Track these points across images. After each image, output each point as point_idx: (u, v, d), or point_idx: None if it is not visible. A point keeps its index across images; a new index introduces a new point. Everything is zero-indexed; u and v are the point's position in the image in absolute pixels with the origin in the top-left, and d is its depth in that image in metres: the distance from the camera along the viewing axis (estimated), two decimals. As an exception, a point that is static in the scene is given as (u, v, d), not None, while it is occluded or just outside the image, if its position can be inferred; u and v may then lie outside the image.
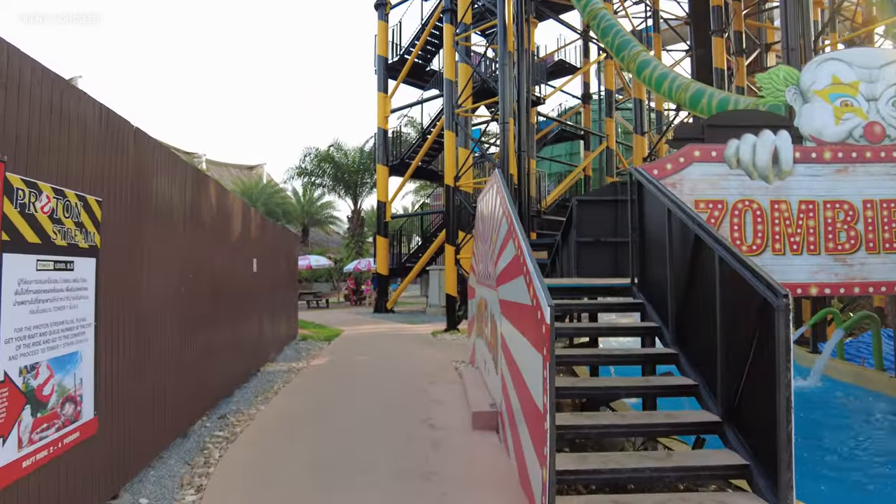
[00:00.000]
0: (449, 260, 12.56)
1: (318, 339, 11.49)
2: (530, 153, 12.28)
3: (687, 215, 3.82)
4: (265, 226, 8.07)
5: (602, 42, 15.34)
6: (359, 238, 29.21)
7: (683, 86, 12.54)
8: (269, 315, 8.36)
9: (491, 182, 5.19)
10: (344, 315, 18.07)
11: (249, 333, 6.99)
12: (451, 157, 12.57)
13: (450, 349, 9.71)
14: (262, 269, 7.81)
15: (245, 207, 6.67)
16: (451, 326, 12.22)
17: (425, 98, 19.02)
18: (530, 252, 3.23)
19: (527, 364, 3.17)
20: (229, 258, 5.87)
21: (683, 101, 12.65)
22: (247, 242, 6.79)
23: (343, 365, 8.24)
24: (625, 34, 14.77)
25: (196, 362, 4.73)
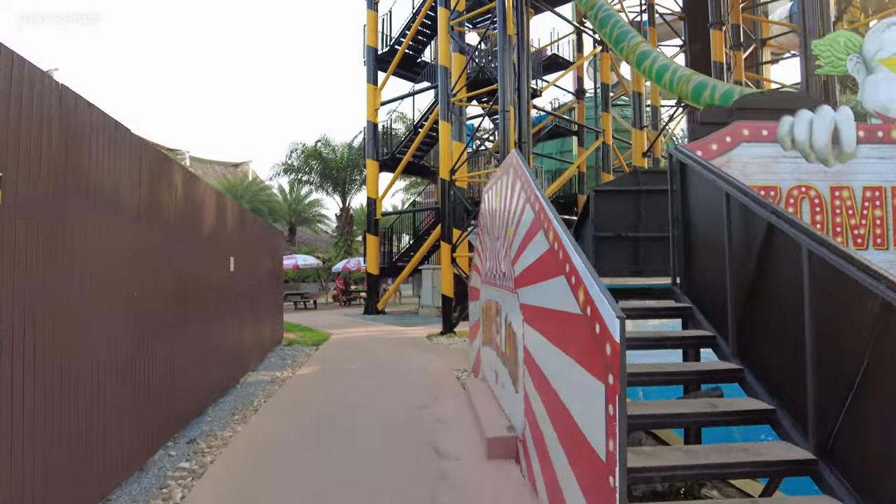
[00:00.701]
0: (444, 259, 11.82)
1: (305, 343, 10.69)
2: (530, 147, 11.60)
3: (755, 200, 3.12)
4: (245, 220, 7.28)
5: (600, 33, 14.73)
6: (348, 237, 28.35)
7: (685, 77, 11.94)
8: (250, 319, 7.57)
9: (505, 166, 4.46)
10: (333, 317, 17.25)
11: (226, 341, 6.20)
12: (446, 148, 11.83)
13: (448, 355, 8.98)
14: (242, 268, 7.01)
15: (220, 198, 5.88)
16: (448, 329, 11.48)
17: (417, 90, 18.25)
18: (575, 246, 2.51)
19: (572, 391, 2.45)
20: (200, 256, 5.09)
21: (685, 93, 12.05)
22: (222, 238, 6.00)
23: (332, 374, 7.47)
24: (623, 25, 14.13)
25: (156, 379, 3.95)
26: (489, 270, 5.49)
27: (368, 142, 18.58)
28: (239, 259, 6.80)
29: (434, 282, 17.23)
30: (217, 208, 5.71)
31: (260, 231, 8.41)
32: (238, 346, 6.79)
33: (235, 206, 6.68)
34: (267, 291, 9.03)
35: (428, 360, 8.42)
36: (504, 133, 10.49)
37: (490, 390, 5.29)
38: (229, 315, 6.33)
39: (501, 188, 4.64)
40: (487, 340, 5.62)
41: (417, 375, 7.22)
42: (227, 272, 6.22)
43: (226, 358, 6.16)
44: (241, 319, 6.96)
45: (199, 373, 5.07)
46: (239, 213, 6.86)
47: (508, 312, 4.20)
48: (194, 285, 4.91)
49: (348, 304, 23.14)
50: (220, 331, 5.91)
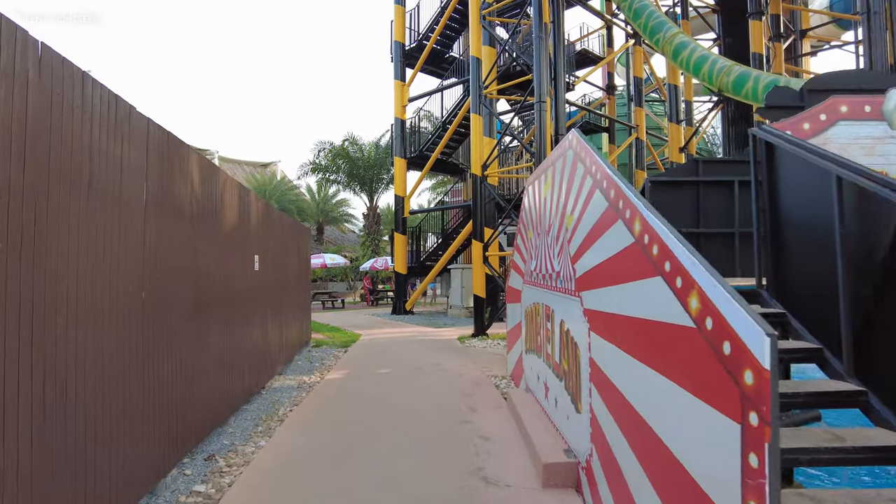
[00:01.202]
0: (476, 258, 11.30)
1: (333, 345, 10.32)
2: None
3: (885, 184, 2.51)
4: (271, 216, 6.90)
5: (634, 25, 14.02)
6: (375, 236, 28.07)
7: (725, 69, 11.19)
8: (276, 321, 7.19)
9: (560, 150, 3.92)
10: (361, 317, 16.92)
11: (250, 344, 5.81)
12: (477, 143, 11.30)
13: (483, 359, 8.46)
14: (268, 266, 6.62)
15: (243, 192, 5.49)
16: (480, 331, 10.96)
17: (445, 86, 17.76)
18: (680, 238, 1.96)
19: (678, 427, 1.90)
20: (220, 253, 4.68)
21: (725, 85, 11.29)
22: (246, 235, 5.61)
23: (362, 380, 7.03)
24: (659, 15, 13.39)
25: (168, 390, 3.54)
26: (534, 270, 4.95)
27: (396, 139, 18.19)
28: (264, 257, 6.42)
29: (463, 282, 16.74)
30: (239, 203, 5.31)
31: (287, 228, 8.04)
32: (263, 349, 6.41)
33: (260, 202, 6.29)
34: (294, 291, 8.67)
35: (462, 365, 7.92)
36: (540, 125, 9.91)
37: (538, 404, 4.75)
38: (254, 317, 5.95)
39: (554, 176, 4.09)
40: (533, 348, 5.08)
41: (452, 382, 6.72)
42: (252, 271, 5.83)
43: (250, 363, 5.77)
44: (266, 321, 6.58)
45: (221, 380, 4.67)
46: (264, 210, 6.47)
47: (565, 318, 3.65)
48: (214, 285, 4.51)
49: (376, 304, 22.83)
50: (243, 334, 5.52)
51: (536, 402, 4.83)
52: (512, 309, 6.69)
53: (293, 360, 8.55)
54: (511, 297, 6.72)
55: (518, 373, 6.15)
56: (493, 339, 10.67)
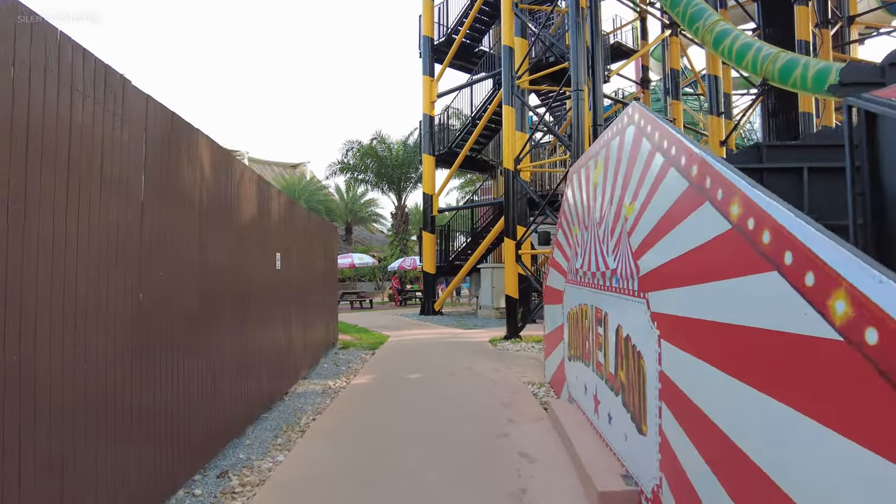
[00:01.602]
0: (508, 256, 10.80)
1: (360, 347, 9.98)
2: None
3: None
4: (295, 213, 6.57)
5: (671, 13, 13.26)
6: (403, 235, 27.80)
7: (771, 56, 10.38)
8: (300, 322, 6.86)
9: (615, 130, 3.41)
10: (389, 317, 16.60)
11: (272, 348, 5.47)
12: (509, 136, 10.79)
13: (517, 364, 7.96)
14: (291, 265, 6.29)
15: (263, 185, 5.15)
16: (513, 333, 10.46)
17: (475, 80, 17.29)
18: (809, 220, 1.47)
19: (815, 482, 1.40)
20: (237, 251, 4.34)
21: (771, 74, 10.51)
22: (267, 231, 5.27)
23: (390, 385, 6.63)
24: (698, 3, 12.62)
25: (173, 400, 3.19)
26: (580, 268, 4.45)
27: (424, 135, 17.82)
28: (287, 255, 6.08)
29: (493, 281, 16.24)
30: (259, 196, 4.97)
31: (312, 226, 7.71)
32: (286, 353, 6.08)
33: (283, 197, 5.96)
34: (320, 291, 8.35)
35: (495, 370, 7.44)
36: (578, 114, 9.35)
37: (584, 418, 4.25)
38: (275, 318, 5.61)
39: (607, 160, 3.59)
40: (578, 355, 4.58)
41: (486, 389, 6.26)
42: (273, 270, 5.49)
43: (271, 367, 5.43)
44: (289, 323, 6.25)
45: (237, 387, 4.33)
46: (287, 205, 6.14)
47: (624, 323, 3.15)
48: (227, 284, 4.17)
49: (404, 304, 22.53)
50: (264, 337, 5.18)
51: (582, 415, 4.33)
52: (551, 311, 6.19)
53: (319, 362, 8.23)
54: (550, 298, 6.22)
55: (559, 380, 5.64)
56: (527, 341, 10.15)
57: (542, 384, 6.42)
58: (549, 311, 6.45)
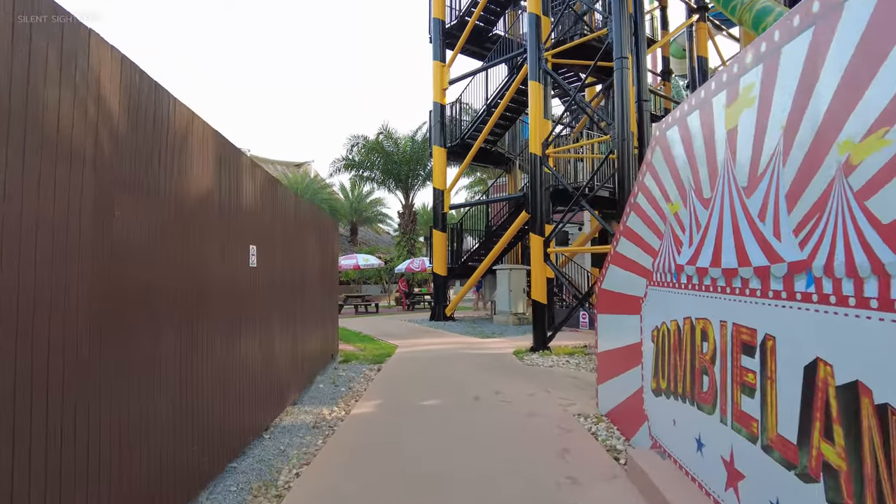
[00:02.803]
0: (535, 255, 9.33)
1: (365, 360, 8.56)
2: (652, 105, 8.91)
3: None
4: (280, 197, 5.16)
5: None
6: (410, 236, 26.39)
7: None
8: (287, 334, 5.46)
9: (790, 27, 1.97)
10: (396, 323, 15.17)
11: (242, 370, 4.06)
12: (537, 116, 9.35)
13: (555, 385, 6.51)
14: (273, 262, 4.89)
15: (229, 150, 3.74)
16: (541, 345, 9.00)
17: (491, 63, 15.86)
18: None
19: None
20: (175, 234, 2.92)
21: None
22: (232, 215, 3.85)
23: (399, 418, 5.20)
24: None
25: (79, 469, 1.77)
26: (692, 263, 3.00)
27: (435, 125, 16.40)
28: (268, 249, 4.67)
29: (511, 284, 14.79)
30: (219, 162, 3.55)
31: (304, 214, 6.31)
32: (265, 375, 4.66)
33: (261, 174, 4.55)
34: (316, 294, 6.94)
35: (530, 395, 5.99)
36: (622, 86, 7.91)
37: (700, 491, 2.79)
38: (249, 330, 4.20)
39: (780, 76, 2.14)
40: (678, 390, 3.12)
41: (526, 424, 4.81)
42: (244, 266, 4.08)
43: (243, 396, 4.01)
44: (271, 335, 4.83)
45: (178, 439, 2.91)
46: (266, 185, 4.73)
47: (836, 360, 1.71)
48: (166, 281, 2.75)
49: (412, 308, 21.10)
50: (230, 355, 3.77)
51: (694, 484, 2.87)
52: (611, 322, 4.73)
53: (314, 381, 6.81)
54: (610, 306, 4.76)
55: (629, 417, 4.19)
56: (558, 353, 8.69)
57: (598, 417, 4.96)
58: (606, 322, 4.99)
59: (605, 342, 5.06)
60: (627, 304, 4.19)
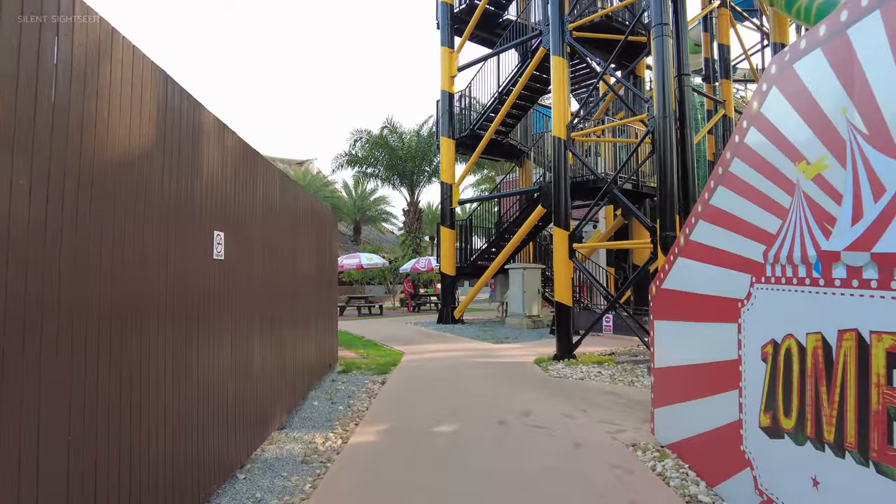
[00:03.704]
0: (559, 252, 8.31)
1: (367, 369, 7.57)
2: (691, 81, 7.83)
3: None
4: (259, 170, 4.17)
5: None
6: (416, 234, 25.39)
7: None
8: (274, 343, 4.47)
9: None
10: (401, 326, 14.17)
11: (206, 398, 3.06)
12: (560, 95, 8.33)
13: (592, 402, 5.48)
14: (251, 255, 3.90)
15: (185, 100, 2.75)
16: (566, 353, 7.97)
17: (503, 48, 14.84)
18: None
19: None
20: (96, 219, 1.92)
21: None
22: (188, 194, 2.85)
23: (408, 451, 4.19)
24: None
25: None
26: (843, 248, 1.99)
27: (443, 115, 15.39)
28: (241, 239, 3.68)
29: (525, 285, 13.76)
30: (162, 114, 2.55)
31: (292, 199, 5.32)
32: (242, 396, 3.67)
33: (232, 139, 3.56)
34: (311, 296, 5.96)
35: (567, 416, 4.97)
36: (662, 57, 6.89)
37: None
38: (212, 341, 3.20)
39: None
40: (832, 439, 2.10)
41: (571, 461, 3.79)
42: (206, 259, 3.08)
43: (203, 429, 3.01)
44: (248, 346, 3.84)
45: (108, 490, 1.91)
46: (242, 155, 3.74)
47: None
48: (76, 293, 1.76)
49: (417, 310, 20.10)
50: (183, 377, 2.77)
51: None
52: (681, 331, 3.70)
53: (307, 398, 5.81)
54: (679, 310, 3.73)
55: (715, 457, 3.16)
56: (585, 362, 7.66)
57: (660, 451, 3.93)
58: (669, 330, 3.97)
59: (665, 355, 4.04)
60: (712, 309, 3.16)
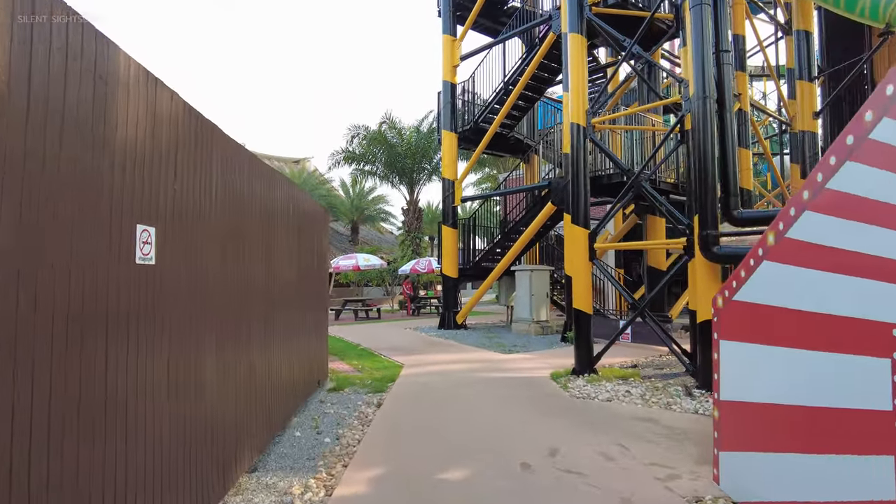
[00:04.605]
0: (576, 252, 7.39)
1: (362, 386, 6.66)
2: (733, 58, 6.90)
3: None
4: (215, 148, 3.25)
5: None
6: (416, 234, 24.46)
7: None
8: (239, 366, 3.56)
9: None
10: (400, 332, 13.24)
11: (130, 448, 2.14)
12: (579, 77, 7.42)
13: (626, 432, 4.56)
14: (203, 258, 2.98)
15: (96, 43, 1.83)
16: (586, 367, 7.06)
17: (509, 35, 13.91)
18: None
19: None
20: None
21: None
22: (86, 176, 1.93)
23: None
24: None
25: None
26: None
27: (445, 107, 14.47)
28: (185, 236, 2.76)
29: (532, 287, 12.85)
30: (24, 40, 1.63)
31: (270, 192, 4.40)
32: (188, 440, 2.75)
33: (172, 101, 2.64)
34: (293, 305, 5.04)
35: (601, 455, 4.05)
36: (701, 31, 5.99)
37: None
38: (140, 371, 2.28)
39: None
40: None
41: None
42: (125, 263, 2.16)
43: (121, 495, 2.10)
44: (199, 373, 2.92)
45: None
46: (185, 121, 2.82)
47: None
48: None
49: (417, 314, 19.18)
50: (86, 422, 1.86)
51: None
52: (779, 359, 2.78)
53: (288, 425, 4.89)
54: (772, 333, 2.81)
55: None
56: (609, 378, 6.75)
57: None
58: (740, 354, 3.05)
59: (738, 386, 3.12)
60: (836, 333, 2.25)
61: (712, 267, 6.04)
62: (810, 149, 14.09)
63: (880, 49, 12.39)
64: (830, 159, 2.35)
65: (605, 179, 11.28)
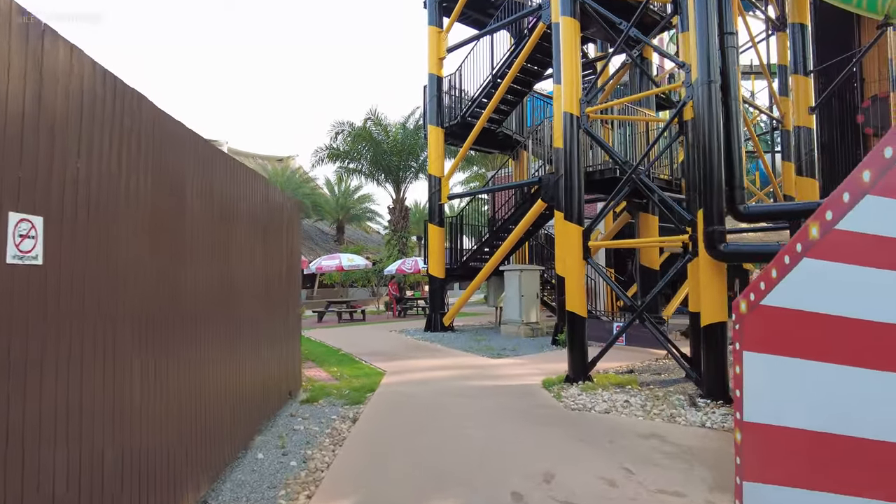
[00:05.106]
0: (570, 250, 6.91)
1: (338, 396, 6.13)
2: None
3: None
4: (141, 122, 2.70)
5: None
6: (402, 234, 23.89)
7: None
8: (183, 384, 3.02)
9: None
10: (384, 335, 12.70)
11: None
12: (572, 63, 6.94)
13: (629, 451, 4.08)
14: (122, 251, 2.42)
15: None
16: (581, 374, 6.58)
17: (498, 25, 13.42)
18: None
19: None
20: None
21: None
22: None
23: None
24: None
25: None
26: None
27: (431, 101, 13.95)
28: (91, 229, 2.21)
29: (522, 288, 12.38)
30: None
31: (226, 180, 3.85)
32: (107, 470, 2.21)
33: (67, 52, 2.09)
34: (256, 310, 4.49)
35: (607, 482, 3.55)
36: (706, 12, 5.54)
37: None
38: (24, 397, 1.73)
39: None
40: None
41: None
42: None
43: None
44: (120, 398, 2.38)
45: None
46: (88, 80, 2.27)
47: None
48: None
49: (403, 315, 18.63)
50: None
51: None
52: (828, 378, 2.30)
53: (251, 445, 4.34)
54: (817, 346, 2.33)
55: None
56: (605, 386, 6.27)
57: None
58: (771, 369, 2.57)
59: (767, 407, 2.63)
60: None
61: (718, 266, 5.59)
62: (806, 145, 13.77)
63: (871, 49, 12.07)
64: (891, 137, 1.87)
65: (597, 175, 10.82)
